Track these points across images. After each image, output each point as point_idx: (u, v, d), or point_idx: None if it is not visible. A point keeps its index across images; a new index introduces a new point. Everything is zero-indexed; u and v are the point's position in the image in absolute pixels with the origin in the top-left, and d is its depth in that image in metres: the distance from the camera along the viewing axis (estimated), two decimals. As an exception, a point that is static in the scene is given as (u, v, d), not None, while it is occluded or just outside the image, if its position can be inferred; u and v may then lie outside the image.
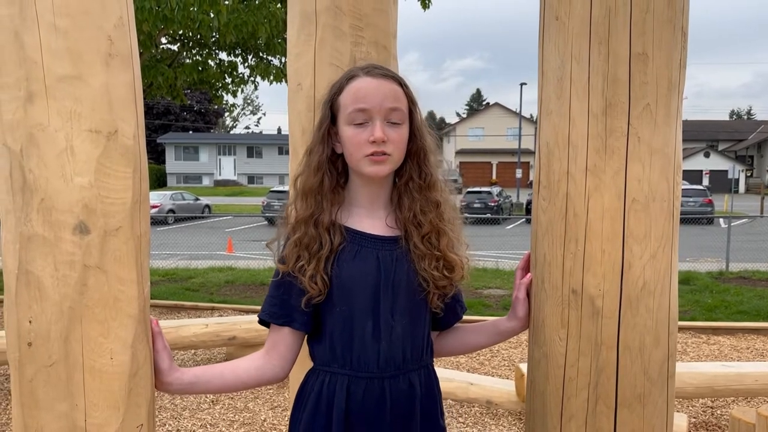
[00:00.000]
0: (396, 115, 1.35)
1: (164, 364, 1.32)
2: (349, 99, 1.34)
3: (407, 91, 1.39)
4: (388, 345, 1.36)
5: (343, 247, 1.37)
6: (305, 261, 1.34)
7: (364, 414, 1.36)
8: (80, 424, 1.17)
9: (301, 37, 1.59)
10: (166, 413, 4.50)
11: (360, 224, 1.41)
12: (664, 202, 1.31)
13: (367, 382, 1.36)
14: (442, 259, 1.39)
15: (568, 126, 1.33)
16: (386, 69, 1.40)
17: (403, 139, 1.37)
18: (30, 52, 1.12)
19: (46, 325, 1.15)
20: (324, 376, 1.39)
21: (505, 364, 5.70)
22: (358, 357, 1.36)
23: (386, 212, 1.43)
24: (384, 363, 1.36)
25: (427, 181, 1.42)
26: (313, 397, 1.39)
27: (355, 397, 1.36)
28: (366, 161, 1.34)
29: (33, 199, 1.14)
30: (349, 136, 1.35)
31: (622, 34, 1.26)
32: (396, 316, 1.37)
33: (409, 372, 1.40)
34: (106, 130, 1.17)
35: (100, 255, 1.16)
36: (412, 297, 1.39)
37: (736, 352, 6.30)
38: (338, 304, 1.36)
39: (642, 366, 1.32)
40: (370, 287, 1.36)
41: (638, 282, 1.30)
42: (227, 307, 7.90)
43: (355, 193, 1.43)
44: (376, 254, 1.38)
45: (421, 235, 1.39)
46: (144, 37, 7.88)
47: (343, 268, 1.36)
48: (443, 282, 1.39)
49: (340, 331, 1.37)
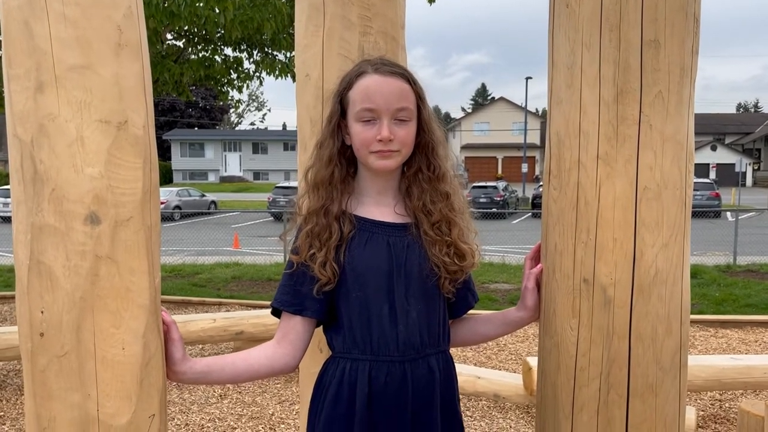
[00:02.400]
0: (403, 114, 1.37)
1: (178, 353, 1.33)
2: (358, 97, 1.37)
3: (415, 88, 1.41)
4: (405, 328, 1.38)
5: (354, 235, 1.40)
6: (316, 249, 1.37)
7: (387, 400, 1.37)
8: (93, 413, 1.17)
9: (309, 28, 1.59)
10: (174, 407, 4.52)
11: (370, 212, 1.43)
12: (677, 190, 1.30)
13: (388, 365, 1.37)
14: (453, 246, 1.42)
15: (579, 114, 1.32)
16: (395, 65, 1.42)
17: (410, 135, 1.40)
18: (40, 42, 1.12)
19: (58, 316, 1.15)
20: (345, 363, 1.40)
21: (512, 358, 5.70)
22: (378, 340, 1.38)
23: (395, 201, 1.46)
24: (403, 346, 1.38)
25: (436, 173, 1.44)
26: (334, 384, 1.40)
27: (377, 382, 1.37)
28: (373, 156, 1.38)
29: (44, 190, 1.14)
30: (357, 132, 1.38)
31: (633, 20, 1.25)
32: (411, 301, 1.39)
33: (428, 356, 1.41)
34: (116, 120, 1.17)
35: (111, 245, 1.17)
36: (425, 282, 1.40)
37: (744, 345, 6.27)
38: (353, 290, 1.38)
39: (654, 355, 1.31)
40: (384, 272, 1.38)
41: (650, 271, 1.29)
42: (234, 302, 7.92)
43: (364, 183, 1.45)
44: (387, 240, 1.41)
45: (431, 223, 1.42)
46: (150, 33, 7.87)
47: (355, 254, 1.39)
48: (454, 268, 1.41)
49: (358, 316, 1.39)
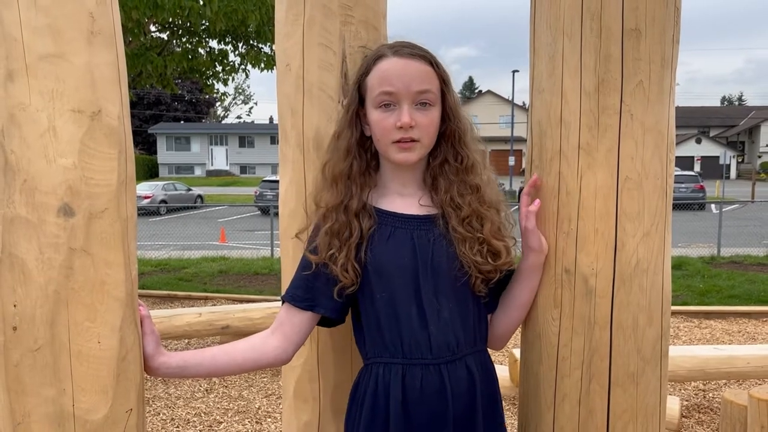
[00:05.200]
0: (426, 97, 1.28)
1: (149, 348, 1.27)
2: (376, 81, 1.29)
3: (439, 71, 1.31)
4: (437, 329, 1.28)
5: (374, 230, 1.31)
6: (336, 249, 1.29)
7: (425, 408, 1.27)
8: (68, 408, 1.15)
9: (289, 16, 1.56)
10: (160, 402, 4.49)
11: (392, 205, 1.35)
12: (657, 179, 1.30)
13: (422, 369, 1.28)
14: (485, 244, 1.31)
15: (561, 104, 1.32)
16: (417, 47, 1.32)
17: (433, 122, 1.30)
18: (10, 29, 1.09)
19: (31, 309, 1.12)
20: (377, 368, 1.31)
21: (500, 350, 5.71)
22: (409, 343, 1.28)
23: (422, 193, 1.37)
24: (437, 348, 1.28)
25: (464, 163, 1.35)
26: (370, 394, 1.31)
27: (411, 386, 1.27)
28: (394, 148, 1.29)
29: (15, 181, 1.11)
30: (376, 120, 1.30)
31: (614, 8, 1.24)
32: (441, 299, 1.30)
33: (465, 356, 1.32)
34: (89, 110, 1.14)
35: (85, 237, 1.14)
36: (455, 280, 1.31)
37: (727, 335, 6.34)
38: (377, 291, 1.30)
39: (635, 345, 1.31)
40: (409, 270, 1.29)
41: (631, 260, 1.29)
42: (220, 296, 7.89)
43: (386, 176, 1.37)
44: (411, 235, 1.32)
45: (460, 218, 1.32)
46: (133, 25, 7.79)
47: (377, 252, 1.30)
48: (487, 267, 1.31)
49: (386, 318, 1.30)
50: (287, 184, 1.57)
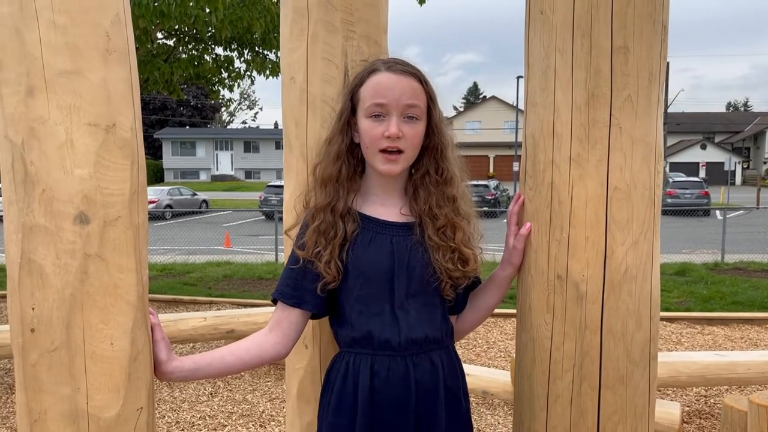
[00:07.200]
0: (413, 111, 1.38)
1: (162, 354, 1.35)
2: (369, 93, 1.39)
3: (427, 88, 1.42)
4: (407, 326, 1.40)
5: (357, 233, 1.41)
6: (322, 247, 1.39)
7: (390, 393, 1.38)
8: (82, 406, 1.22)
9: (294, 31, 1.63)
10: (165, 405, 4.55)
11: (375, 211, 1.45)
12: (646, 189, 1.36)
13: (390, 360, 1.39)
14: (457, 251, 1.43)
15: (553, 117, 1.37)
16: (408, 64, 1.42)
17: (418, 135, 1.41)
18: (30, 48, 1.16)
19: (48, 312, 1.19)
20: (349, 357, 1.43)
21: (501, 356, 5.76)
22: (379, 337, 1.40)
23: (402, 202, 1.48)
24: (405, 342, 1.39)
25: (444, 176, 1.46)
26: (339, 378, 1.42)
27: (379, 375, 1.39)
28: (380, 158, 1.39)
29: (34, 191, 1.18)
30: (366, 129, 1.39)
31: (604, 27, 1.30)
32: (410, 300, 1.41)
33: (431, 352, 1.43)
34: (104, 123, 1.21)
35: (99, 244, 1.21)
36: (426, 285, 1.42)
37: (730, 342, 6.36)
38: (355, 288, 1.41)
39: (625, 348, 1.37)
40: (386, 272, 1.40)
41: (621, 267, 1.35)
42: (225, 301, 7.94)
43: (371, 182, 1.47)
44: (390, 240, 1.42)
45: (436, 228, 1.43)
46: (140, 32, 7.88)
47: (358, 254, 1.40)
48: (457, 273, 1.43)
49: (359, 314, 1.41)
50: (291, 192, 1.63)
